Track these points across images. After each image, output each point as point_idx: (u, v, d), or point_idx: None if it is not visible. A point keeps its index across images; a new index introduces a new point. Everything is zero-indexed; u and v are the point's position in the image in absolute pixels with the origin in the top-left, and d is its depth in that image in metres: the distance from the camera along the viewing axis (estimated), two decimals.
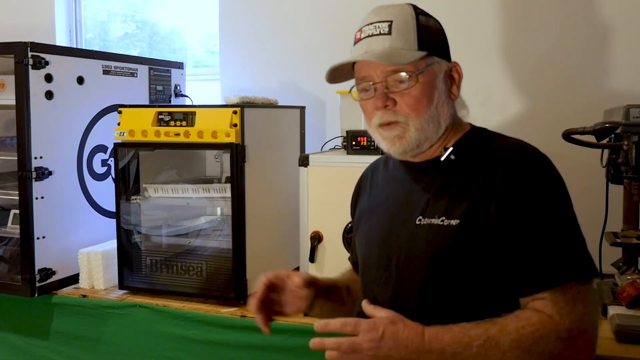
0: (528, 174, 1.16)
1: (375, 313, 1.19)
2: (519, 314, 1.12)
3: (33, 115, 2.11)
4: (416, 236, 1.21)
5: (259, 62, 2.86)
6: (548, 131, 2.18)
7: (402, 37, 1.22)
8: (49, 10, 3.23)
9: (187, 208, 2.32)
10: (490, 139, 1.27)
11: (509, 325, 1.10)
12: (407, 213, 1.25)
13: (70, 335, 2.22)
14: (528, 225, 1.13)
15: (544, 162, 1.19)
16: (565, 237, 1.14)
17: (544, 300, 1.11)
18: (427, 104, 1.22)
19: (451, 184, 1.21)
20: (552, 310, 1.10)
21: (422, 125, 1.21)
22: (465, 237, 1.16)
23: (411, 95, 1.21)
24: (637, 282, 1.68)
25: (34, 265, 2.15)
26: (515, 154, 1.19)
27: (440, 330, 1.12)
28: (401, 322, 1.13)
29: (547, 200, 1.15)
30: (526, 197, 1.14)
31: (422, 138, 1.22)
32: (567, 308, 1.10)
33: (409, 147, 1.23)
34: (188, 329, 2.04)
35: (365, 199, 1.41)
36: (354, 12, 2.70)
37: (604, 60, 2.34)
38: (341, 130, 2.24)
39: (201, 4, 3.21)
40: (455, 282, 1.17)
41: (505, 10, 2.45)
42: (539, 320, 1.09)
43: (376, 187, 1.39)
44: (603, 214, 1.95)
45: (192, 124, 2.09)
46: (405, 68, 1.20)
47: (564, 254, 1.13)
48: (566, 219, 1.16)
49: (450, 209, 1.18)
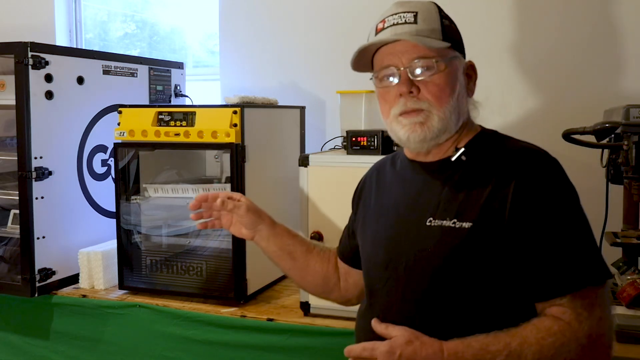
0: (543, 179, 1.16)
1: (389, 333, 1.16)
2: (537, 324, 1.11)
3: (33, 115, 2.11)
4: (427, 237, 1.20)
5: (259, 62, 2.86)
6: (548, 131, 2.18)
7: (428, 27, 1.23)
8: (49, 10, 3.23)
9: (187, 208, 2.30)
10: (502, 142, 1.27)
11: (529, 337, 1.09)
12: (417, 214, 1.24)
13: (70, 335, 2.22)
14: (544, 230, 1.13)
15: (556, 167, 1.19)
16: (580, 242, 1.14)
17: (562, 307, 1.11)
18: (450, 93, 1.22)
19: (463, 185, 1.20)
20: (570, 317, 1.10)
21: (444, 115, 1.22)
22: (478, 240, 1.15)
23: (435, 84, 1.21)
24: (637, 282, 1.68)
25: (34, 265, 2.15)
26: (528, 158, 1.19)
27: (460, 345, 1.10)
28: (418, 341, 1.12)
29: (562, 206, 1.15)
30: (542, 202, 1.14)
31: (442, 128, 1.22)
32: (585, 314, 1.10)
33: (429, 135, 1.22)
34: (188, 329, 2.04)
35: (371, 198, 1.40)
36: (354, 12, 2.71)
37: (604, 60, 2.34)
38: (341, 130, 2.24)
39: (201, 4, 3.21)
40: (465, 284, 1.16)
41: (505, 10, 2.45)
42: (559, 329, 1.09)
43: (384, 186, 1.38)
44: (603, 214, 1.95)
45: (192, 124, 2.09)
46: (432, 54, 1.21)
47: (580, 259, 1.13)
48: (580, 223, 1.16)
49: (463, 211, 1.17)
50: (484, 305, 1.15)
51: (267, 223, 1.49)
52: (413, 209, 1.26)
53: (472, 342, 1.10)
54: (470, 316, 1.15)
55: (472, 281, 1.16)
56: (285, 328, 1.91)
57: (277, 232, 1.49)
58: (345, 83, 2.24)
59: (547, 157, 1.20)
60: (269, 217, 1.51)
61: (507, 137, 1.29)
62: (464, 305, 1.16)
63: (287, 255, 1.49)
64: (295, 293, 2.13)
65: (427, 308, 1.18)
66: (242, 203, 1.46)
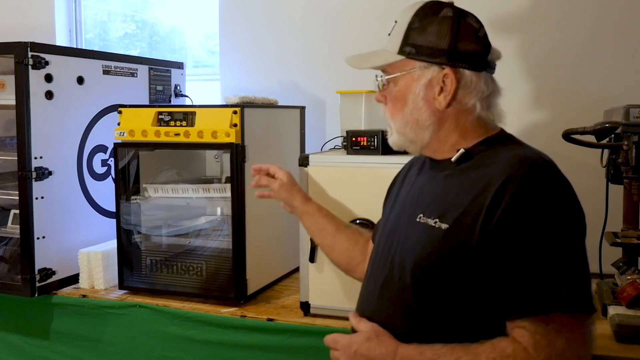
0: (525, 192, 1.08)
1: (358, 327, 1.25)
2: (495, 343, 1.07)
3: (33, 115, 2.11)
4: (411, 233, 1.22)
5: (259, 62, 2.86)
6: (548, 131, 2.18)
7: (393, 39, 1.25)
8: (49, 10, 3.23)
9: (187, 208, 2.32)
10: (504, 147, 1.20)
11: (481, 355, 1.06)
12: (414, 210, 1.25)
13: (70, 335, 2.22)
14: (516, 246, 1.06)
15: (548, 182, 1.10)
16: (557, 265, 1.05)
17: (523, 330, 1.05)
18: (402, 106, 1.25)
19: (454, 187, 1.20)
20: (528, 342, 1.04)
21: (399, 127, 1.26)
22: (450, 243, 1.13)
23: (389, 98, 1.28)
24: (637, 282, 1.68)
25: (34, 265, 2.15)
26: (517, 169, 1.10)
27: (413, 352, 1.13)
28: (376, 339, 1.19)
29: (544, 225, 1.06)
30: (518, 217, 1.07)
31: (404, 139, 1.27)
32: (544, 341, 1.03)
33: (395, 145, 1.30)
34: (188, 329, 2.04)
35: (395, 190, 1.43)
36: (353, 12, 2.71)
37: (604, 61, 2.34)
38: (341, 130, 2.24)
39: (201, 4, 3.21)
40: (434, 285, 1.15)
41: (505, 10, 2.45)
42: (513, 352, 1.04)
43: (408, 180, 1.40)
44: (603, 214, 1.95)
45: (192, 124, 2.09)
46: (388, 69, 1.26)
47: (552, 282, 1.04)
48: (565, 248, 1.07)
49: (445, 212, 1.17)
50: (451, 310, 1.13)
51: (300, 201, 1.66)
52: (412, 205, 1.28)
53: (426, 350, 1.12)
54: (437, 319, 1.15)
55: (441, 283, 1.14)
56: (285, 328, 1.91)
57: (308, 210, 1.64)
58: (345, 83, 2.24)
59: (541, 170, 1.11)
60: (302, 195, 1.68)
61: (513, 143, 1.23)
62: (431, 307, 1.15)
63: (317, 232, 1.64)
64: (295, 293, 2.13)
65: (398, 304, 1.20)
66: (275, 180, 1.69)
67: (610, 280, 1.89)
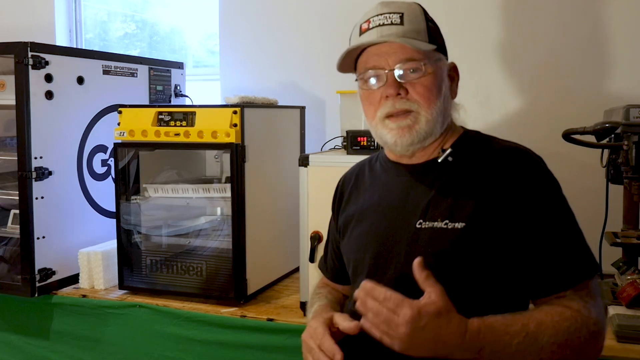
0: (532, 177, 1.18)
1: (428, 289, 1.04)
2: (549, 310, 1.11)
3: (33, 115, 2.11)
4: (418, 240, 1.19)
5: (259, 62, 2.86)
6: (548, 131, 2.18)
7: (414, 28, 1.22)
8: (49, 10, 3.23)
9: (187, 208, 2.32)
10: (487, 142, 1.28)
11: (545, 320, 1.09)
12: (406, 216, 1.22)
13: (70, 335, 2.22)
14: (539, 228, 1.15)
15: (541, 165, 1.21)
16: (572, 236, 1.17)
17: (566, 299, 1.13)
18: (438, 95, 1.22)
19: (452, 186, 1.20)
20: (578, 305, 1.12)
21: (432, 116, 1.21)
22: (471, 240, 1.15)
23: (423, 85, 1.20)
24: (637, 282, 1.68)
25: (34, 265, 2.15)
26: (515, 158, 1.21)
27: (483, 326, 1.05)
28: (446, 316, 1.03)
29: (552, 203, 1.17)
30: (533, 201, 1.16)
31: (429, 130, 1.21)
32: (591, 302, 1.13)
33: (417, 138, 1.21)
34: (188, 329, 2.04)
35: (351, 204, 1.37)
36: (354, 12, 2.70)
37: (604, 60, 2.34)
38: (341, 130, 2.24)
39: (201, 4, 3.21)
40: (457, 284, 1.14)
41: (505, 10, 2.45)
42: (572, 315, 1.10)
43: (364, 191, 1.35)
44: (603, 214, 1.95)
45: (192, 124, 2.09)
46: (419, 56, 1.20)
47: (574, 253, 1.16)
48: (569, 218, 1.19)
49: (454, 212, 1.17)
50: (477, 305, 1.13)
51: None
52: (400, 212, 1.24)
53: (495, 322, 1.07)
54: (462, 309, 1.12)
55: (464, 281, 1.15)
56: (285, 328, 1.91)
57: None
58: (345, 83, 2.24)
59: (532, 155, 1.22)
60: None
61: (491, 138, 1.30)
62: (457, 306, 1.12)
63: None
64: (295, 293, 2.13)
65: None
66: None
67: (610, 280, 1.89)
